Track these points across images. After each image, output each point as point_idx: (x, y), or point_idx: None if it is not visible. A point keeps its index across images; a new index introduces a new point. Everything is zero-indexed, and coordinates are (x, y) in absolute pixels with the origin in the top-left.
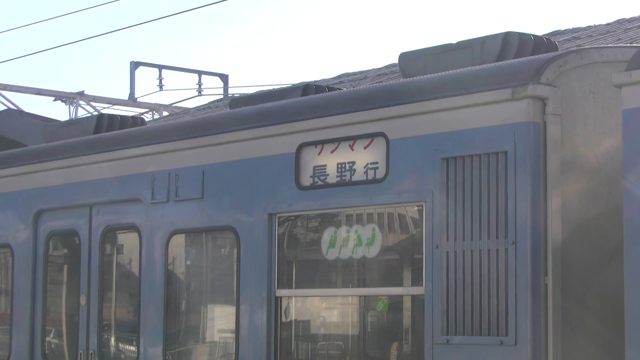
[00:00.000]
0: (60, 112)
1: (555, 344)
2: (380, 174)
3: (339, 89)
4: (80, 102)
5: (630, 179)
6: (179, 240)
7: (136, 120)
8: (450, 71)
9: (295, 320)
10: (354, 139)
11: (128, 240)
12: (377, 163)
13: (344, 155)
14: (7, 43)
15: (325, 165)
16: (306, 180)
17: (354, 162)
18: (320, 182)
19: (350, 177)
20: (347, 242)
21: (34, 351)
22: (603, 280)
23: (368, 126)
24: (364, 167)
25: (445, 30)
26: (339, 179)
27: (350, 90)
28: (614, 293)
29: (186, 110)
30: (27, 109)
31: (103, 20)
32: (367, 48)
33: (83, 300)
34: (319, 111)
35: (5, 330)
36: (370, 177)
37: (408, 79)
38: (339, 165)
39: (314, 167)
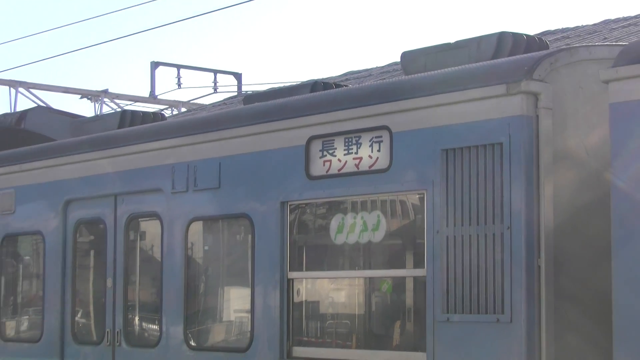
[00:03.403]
0: (86, 109)
1: (549, 321)
2: (384, 164)
3: (345, 86)
4: (105, 99)
5: (617, 167)
6: (197, 227)
7: (157, 116)
8: (449, 69)
9: (306, 300)
10: (360, 131)
11: (150, 228)
12: (381, 154)
13: (350, 147)
14: (37, 44)
15: (334, 157)
16: (316, 170)
17: (359, 154)
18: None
19: (357, 167)
20: (354, 227)
21: (64, 331)
22: (593, 262)
23: (373, 120)
24: (369, 158)
25: (443, 31)
26: (346, 169)
27: (356, 86)
28: (604, 274)
29: (203, 107)
30: (55, 106)
31: (125, 23)
32: (371, 48)
33: (109, 283)
34: (327, 106)
35: (38, 311)
36: (375, 167)
37: (410, 76)
38: (346, 156)
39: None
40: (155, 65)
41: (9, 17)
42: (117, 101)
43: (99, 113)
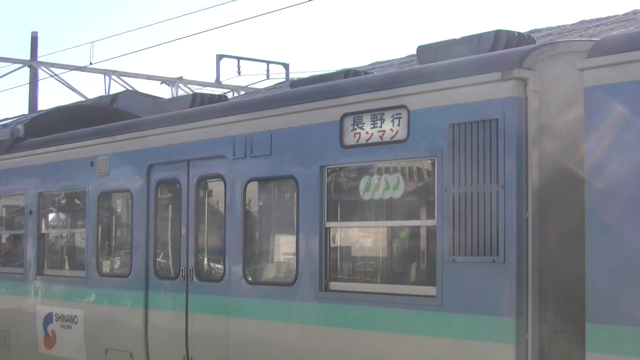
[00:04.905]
0: (164, 92)
1: (534, 262)
2: (403, 136)
3: (372, 73)
4: (180, 84)
5: (590, 140)
6: (253, 187)
7: (221, 98)
8: (455, 59)
9: (340, 245)
10: (383, 109)
11: (216, 187)
12: (400, 128)
13: (376, 122)
14: (126, 40)
15: (362, 130)
16: (348, 140)
17: (383, 127)
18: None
19: (381, 138)
20: (379, 187)
21: (148, 268)
22: (570, 213)
23: (394, 100)
24: (391, 131)
25: (451, 28)
26: (372, 140)
27: (381, 73)
28: (579, 223)
29: (258, 90)
30: (140, 90)
31: (196, 22)
32: (393, 43)
33: (183, 230)
34: (357, 90)
35: (127, 253)
36: (395, 138)
37: (424, 65)
38: (372, 129)
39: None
40: (220, 57)
41: (104, 18)
42: (190, 86)
43: (175, 95)
